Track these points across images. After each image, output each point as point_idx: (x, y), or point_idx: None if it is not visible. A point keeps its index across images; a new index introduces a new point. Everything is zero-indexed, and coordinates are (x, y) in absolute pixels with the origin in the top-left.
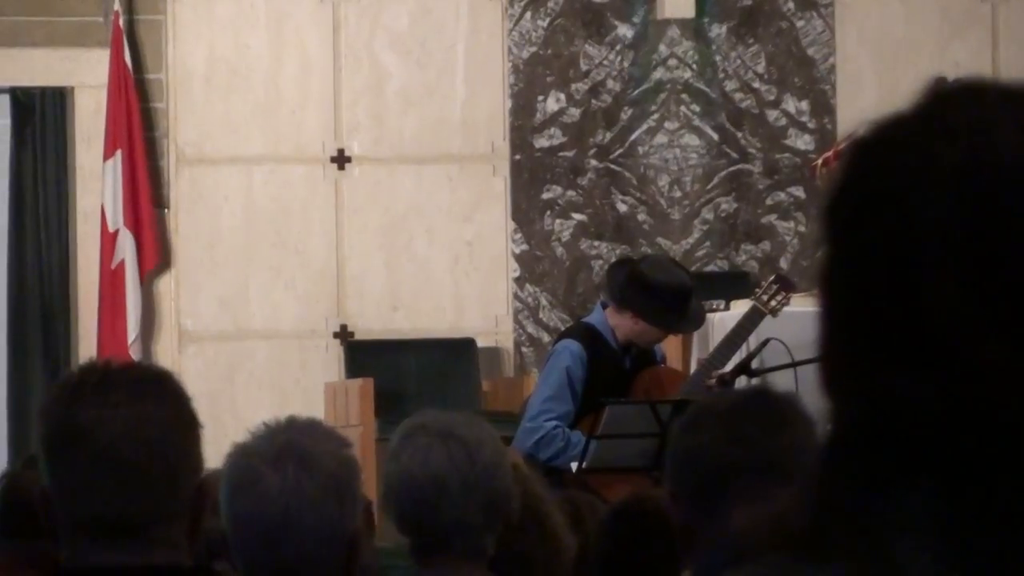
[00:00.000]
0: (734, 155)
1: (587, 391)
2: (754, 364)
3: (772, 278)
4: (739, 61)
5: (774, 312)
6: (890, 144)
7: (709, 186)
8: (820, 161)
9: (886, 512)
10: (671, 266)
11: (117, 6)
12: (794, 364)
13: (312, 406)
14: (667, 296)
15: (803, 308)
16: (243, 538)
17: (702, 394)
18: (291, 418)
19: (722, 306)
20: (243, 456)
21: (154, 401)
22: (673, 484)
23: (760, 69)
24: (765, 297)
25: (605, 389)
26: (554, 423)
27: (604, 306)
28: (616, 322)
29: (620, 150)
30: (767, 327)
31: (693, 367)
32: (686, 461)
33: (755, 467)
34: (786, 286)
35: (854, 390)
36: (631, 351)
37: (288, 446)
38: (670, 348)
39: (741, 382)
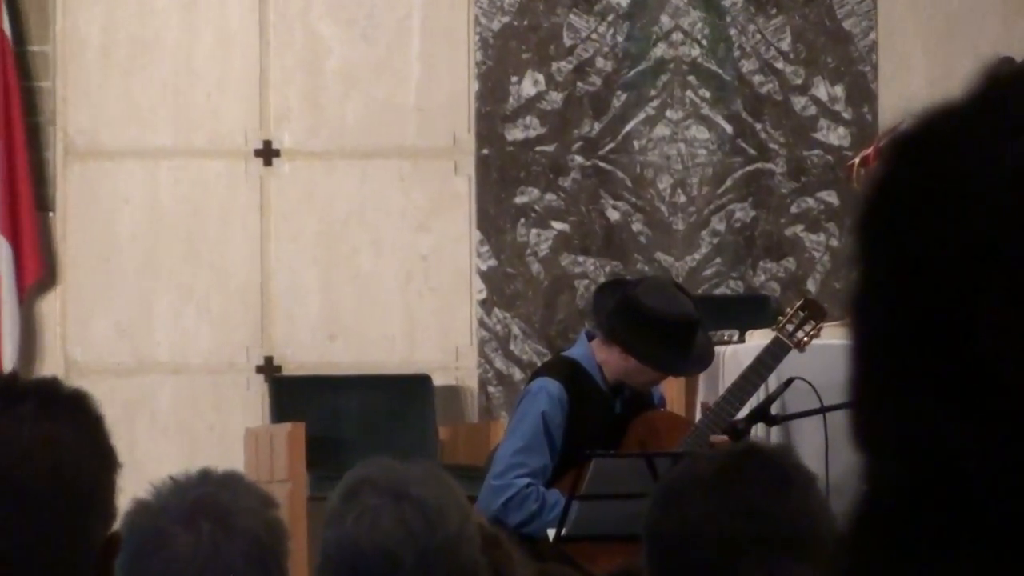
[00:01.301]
0: (752, 152)
1: (568, 441)
2: (774, 410)
3: (798, 304)
4: (759, 36)
5: (800, 346)
6: (941, 140)
7: (720, 189)
8: (857, 160)
9: None
10: (672, 291)
11: None
12: (823, 409)
13: (229, 457)
14: (665, 329)
15: (836, 341)
16: None
17: (708, 446)
18: (204, 471)
19: (735, 337)
20: (147, 514)
21: (68, 422)
22: (660, 573)
23: (785, 46)
24: (789, 327)
25: (590, 439)
26: (526, 480)
27: (590, 337)
28: (604, 357)
29: (611, 144)
30: (791, 364)
31: (699, 412)
32: (677, 544)
33: (763, 539)
34: (815, 313)
35: (894, 442)
36: (622, 392)
37: (203, 501)
38: (671, 389)
39: (758, 431)
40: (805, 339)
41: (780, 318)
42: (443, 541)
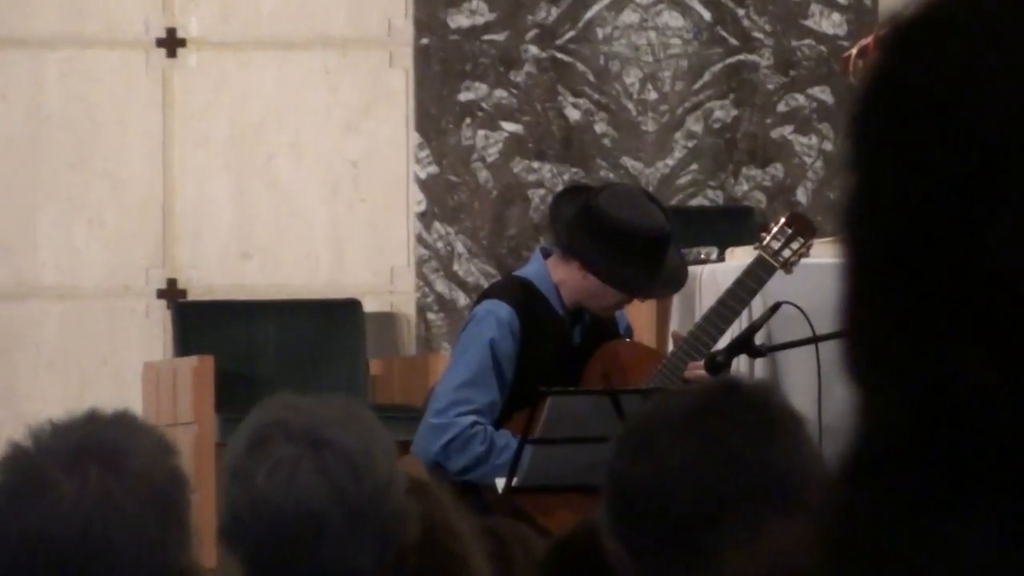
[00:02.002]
0: (733, 42)
1: (519, 375)
2: (758, 339)
3: (786, 218)
4: None
5: (788, 266)
6: (950, 26)
7: (697, 85)
8: (855, 51)
9: (940, 547)
10: (641, 200)
11: None
12: (816, 339)
13: (126, 396)
14: (631, 243)
15: (829, 259)
16: (23, 568)
17: (682, 382)
18: (91, 412)
19: (714, 255)
20: (24, 459)
21: None
22: (626, 534)
23: None
24: (775, 244)
25: (545, 372)
26: (472, 419)
27: (546, 254)
28: (561, 276)
29: (571, 33)
30: (778, 287)
31: (671, 344)
32: (646, 496)
33: (746, 490)
34: (804, 229)
35: (894, 374)
36: (583, 320)
37: (89, 441)
38: (639, 317)
39: (740, 365)
40: (793, 258)
41: (763, 234)
42: (372, 492)
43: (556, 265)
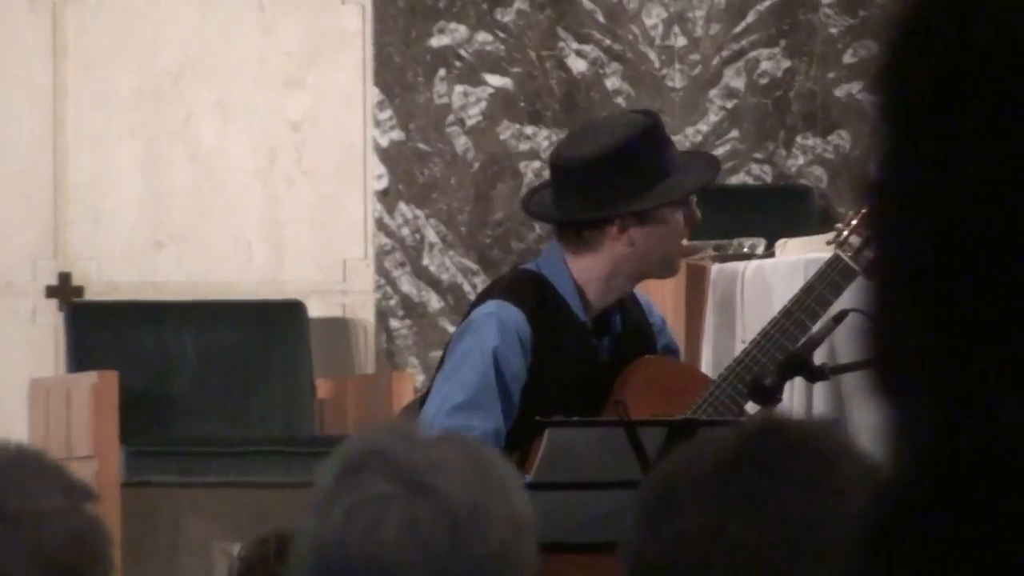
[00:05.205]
0: None
1: (530, 398)
2: (818, 358)
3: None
4: None
5: (871, 269)
6: None
7: (739, 28)
8: None
9: None
10: (591, 126)
11: None
12: None
13: (6, 422)
14: (627, 153)
15: None
16: None
17: (728, 412)
18: None
19: (760, 248)
20: None
21: None
22: None
23: None
24: (856, 240)
25: (563, 396)
26: None
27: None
28: (587, 266)
29: None
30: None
31: (711, 362)
32: (663, 573)
33: (793, 567)
34: None
35: (932, 408)
36: (611, 331)
37: None
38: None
39: (794, 393)
40: None
41: (840, 227)
42: (474, 564)
43: (574, 261)
